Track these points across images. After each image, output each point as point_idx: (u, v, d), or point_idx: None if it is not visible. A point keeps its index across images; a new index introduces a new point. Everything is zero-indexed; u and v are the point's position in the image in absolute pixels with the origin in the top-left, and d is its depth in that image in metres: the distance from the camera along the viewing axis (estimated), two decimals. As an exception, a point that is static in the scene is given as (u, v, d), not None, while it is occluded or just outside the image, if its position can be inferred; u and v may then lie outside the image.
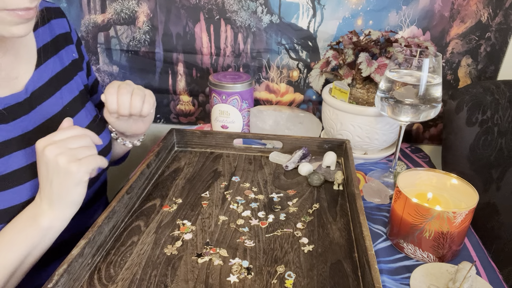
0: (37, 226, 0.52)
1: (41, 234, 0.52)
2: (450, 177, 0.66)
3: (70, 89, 0.68)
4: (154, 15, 1.02)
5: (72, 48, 0.72)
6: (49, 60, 0.66)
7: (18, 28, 0.51)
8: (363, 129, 0.86)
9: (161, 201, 0.70)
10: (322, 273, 0.55)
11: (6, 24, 0.50)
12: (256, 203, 0.70)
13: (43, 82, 0.63)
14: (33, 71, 0.62)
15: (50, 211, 0.53)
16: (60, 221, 0.54)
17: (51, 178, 0.51)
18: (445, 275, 0.58)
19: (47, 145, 0.51)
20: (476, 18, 0.94)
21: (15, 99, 0.58)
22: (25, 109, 0.59)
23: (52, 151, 0.51)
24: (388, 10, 0.96)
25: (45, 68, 0.64)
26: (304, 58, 1.04)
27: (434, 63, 0.70)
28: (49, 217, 0.53)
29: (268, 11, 0.99)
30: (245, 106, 0.98)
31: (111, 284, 0.53)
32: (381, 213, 0.74)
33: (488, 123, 0.88)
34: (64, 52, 0.69)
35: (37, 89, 0.62)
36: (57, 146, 0.51)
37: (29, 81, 0.61)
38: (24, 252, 0.51)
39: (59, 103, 0.65)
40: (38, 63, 0.63)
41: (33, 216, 0.53)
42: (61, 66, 0.68)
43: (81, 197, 0.54)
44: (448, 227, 0.58)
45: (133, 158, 0.65)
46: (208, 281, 0.53)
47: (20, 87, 0.59)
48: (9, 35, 0.51)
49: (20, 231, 0.52)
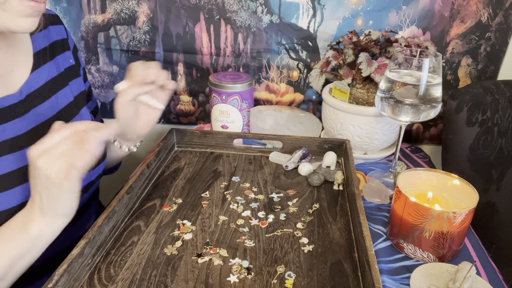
0: (27, 233, 0.51)
1: (30, 241, 0.51)
2: (450, 177, 0.66)
3: (65, 94, 0.68)
4: (154, 15, 1.02)
5: (68, 55, 0.72)
6: (46, 64, 0.65)
7: (26, 21, 0.50)
8: (363, 129, 0.86)
9: (161, 201, 0.70)
10: (322, 273, 0.55)
11: (14, 14, 0.49)
12: (256, 203, 0.70)
13: (39, 85, 0.63)
14: (29, 74, 0.62)
15: (41, 219, 0.51)
16: (51, 230, 0.52)
17: (41, 190, 0.49)
18: (445, 275, 0.58)
19: (39, 156, 0.48)
20: (476, 18, 0.94)
21: (9, 101, 0.57)
22: (19, 111, 0.58)
23: (43, 163, 0.48)
24: (388, 10, 0.96)
25: (41, 72, 0.64)
26: (304, 58, 1.04)
27: (434, 63, 0.70)
28: (40, 225, 0.51)
29: (268, 11, 0.99)
30: (245, 106, 0.98)
31: (111, 284, 0.53)
32: (381, 213, 0.74)
33: (488, 123, 0.88)
34: (60, 58, 0.69)
35: (32, 93, 0.61)
36: (48, 157, 0.48)
37: (24, 84, 0.60)
38: (13, 258, 0.50)
39: (54, 107, 0.64)
40: (34, 67, 0.63)
41: (23, 223, 0.51)
42: (57, 71, 0.67)
43: (72, 209, 0.52)
44: (448, 227, 0.58)
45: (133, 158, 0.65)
46: (208, 281, 0.53)
47: (14, 89, 0.59)
48: (14, 27, 0.50)
49: (10, 238, 0.51)
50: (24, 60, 0.62)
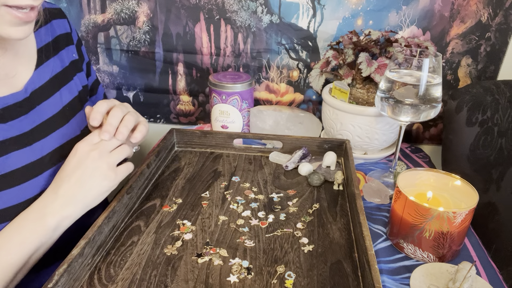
0: (45, 226, 0.53)
1: (49, 234, 0.53)
2: (450, 177, 0.66)
3: (69, 90, 0.68)
4: (154, 15, 1.02)
5: (72, 49, 0.72)
6: (49, 60, 0.65)
7: (17, 31, 0.50)
8: (363, 129, 0.86)
9: (161, 201, 0.70)
10: (322, 273, 0.55)
11: (4, 24, 0.49)
12: (256, 203, 0.70)
13: (43, 82, 0.63)
14: (33, 71, 0.62)
15: (61, 211, 0.53)
16: (68, 221, 0.55)
17: (85, 181, 0.54)
18: (445, 275, 0.58)
19: (91, 150, 0.55)
20: (476, 18, 0.94)
21: (14, 99, 0.58)
22: (24, 109, 0.59)
23: (95, 158, 0.55)
24: (388, 10, 0.96)
25: (45, 69, 0.64)
26: (304, 58, 1.04)
27: (434, 63, 0.70)
28: (58, 218, 0.53)
29: (268, 11, 0.99)
30: (245, 106, 0.98)
31: (111, 284, 0.53)
32: (381, 213, 0.74)
33: (488, 123, 0.88)
34: (64, 52, 0.69)
35: (36, 89, 0.61)
36: (99, 153, 0.55)
37: (28, 81, 0.61)
38: (32, 250, 0.52)
39: (58, 103, 0.65)
40: (38, 63, 0.63)
41: (41, 216, 0.53)
42: (61, 66, 0.68)
43: (101, 199, 0.58)
44: (448, 227, 0.58)
45: (133, 158, 0.65)
46: (208, 281, 0.53)
47: (19, 87, 0.59)
48: (6, 36, 0.50)
49: (29, 230, 0.52)
50: (28, 57, 0.62)
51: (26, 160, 0.57)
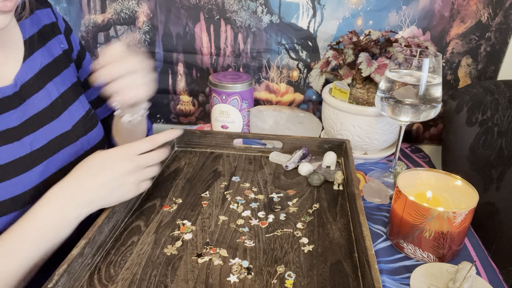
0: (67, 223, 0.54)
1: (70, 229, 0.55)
2: (450, 177, 0.66)
3: (61, 81, 0.66)
4: (154, 15, 1.02)
5: (60, 38, 0.69)
6: (37, 52, 0.64)
7: None
8: (363, 129, 0.86)
9: (161, 201, 0.70)
10: (322, 273, 0.55)
11: None
12: (256, 203, 0.70)
13: (32, 74, 0.62)
14: (21, 64, 0.61)
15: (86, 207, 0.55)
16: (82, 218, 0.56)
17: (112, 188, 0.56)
18: (445, 275, 0.58)
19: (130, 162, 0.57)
20: (476, 18, 0.94)
21: (3, 93, 0.57)
22: (14, 103, 0.58)
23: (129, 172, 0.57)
24: (388, 10, 0.96)
25: (33, 61, 0.63)
26: (304, 58, 1.04)
27: (434, 63, 0.70)
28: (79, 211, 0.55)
29: (268, 11, 0.99)
30: (245, 106, 0.98)
31: (111, 284, 0.53)
32: (381, 213, 0.74)
33: (488, 123, 0.88)
34: (53, 43, 0.67)
35: (26, 82, 0.60)
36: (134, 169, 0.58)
37: (17, 74, 0.59)
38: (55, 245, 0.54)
39: (49, 96, 0.63)
40: (26, 56, 0.62)
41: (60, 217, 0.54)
42: (50, 57, 0.66)
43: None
44: (448, 227, 0.58)
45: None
46: (208, 281, 0.53)
47: (8, 81, 0.58)
48: None
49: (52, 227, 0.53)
50: (15, 50, 0.61)
51: (15, 155, 0.56)
